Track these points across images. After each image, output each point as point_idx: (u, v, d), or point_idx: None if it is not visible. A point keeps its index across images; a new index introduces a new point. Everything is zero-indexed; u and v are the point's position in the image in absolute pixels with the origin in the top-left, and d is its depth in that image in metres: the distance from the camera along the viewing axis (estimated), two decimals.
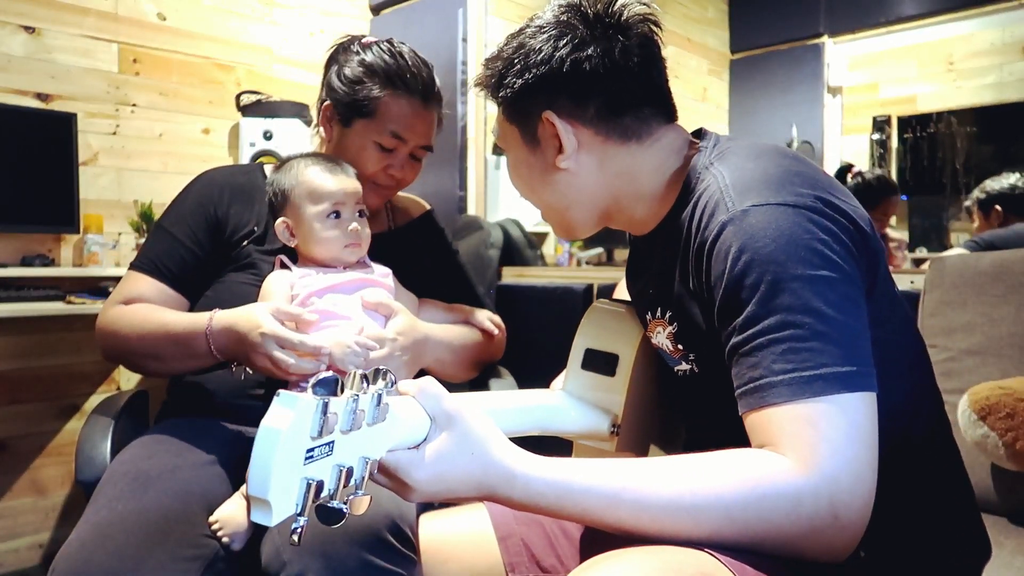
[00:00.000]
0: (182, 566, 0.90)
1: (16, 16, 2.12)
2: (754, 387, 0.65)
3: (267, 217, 1.23)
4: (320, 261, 1.12)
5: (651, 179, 0.83)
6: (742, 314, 0.67)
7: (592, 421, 0.91)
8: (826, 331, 0.64)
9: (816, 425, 0.61)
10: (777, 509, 0.60)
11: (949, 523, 0.79)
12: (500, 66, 0.84)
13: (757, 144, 0.80)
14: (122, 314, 1.16)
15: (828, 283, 0.65)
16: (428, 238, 1.38)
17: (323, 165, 1.13)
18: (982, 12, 3.55)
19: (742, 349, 0.67)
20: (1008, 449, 1.23)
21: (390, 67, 1.18)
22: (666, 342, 0.83)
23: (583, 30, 0.79)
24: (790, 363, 0.63)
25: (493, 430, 0.66)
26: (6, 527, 2.15)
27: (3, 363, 2.11)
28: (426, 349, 1.14)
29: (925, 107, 4.49)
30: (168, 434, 1.11)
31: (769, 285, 0.65)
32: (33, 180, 2.05)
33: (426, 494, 0.63)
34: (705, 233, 0.72)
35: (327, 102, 1.23)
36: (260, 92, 2.57)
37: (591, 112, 0.80)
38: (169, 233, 1.22)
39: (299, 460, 0.51)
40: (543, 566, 0.94)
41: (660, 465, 0.65)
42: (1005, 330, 1.35)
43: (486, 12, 2.68)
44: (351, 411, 0.54)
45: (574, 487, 0.64)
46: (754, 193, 0.70)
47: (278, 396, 0.52)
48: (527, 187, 0.88)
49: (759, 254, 0.66)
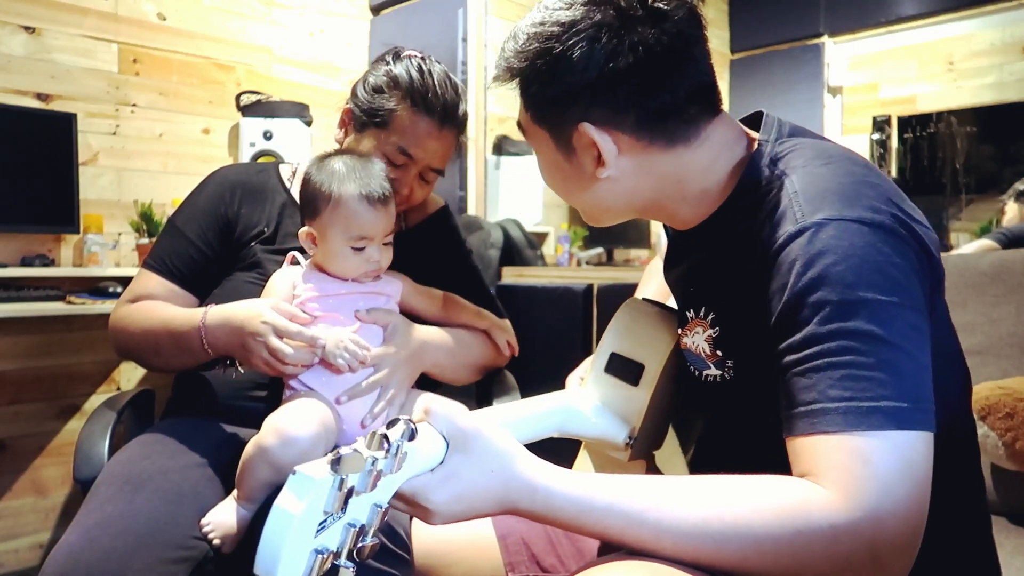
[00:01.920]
0: (170, 568, 0.90)
1: (16, 16, 2.12)
2: (806, 411, 0.61)
3: (277, 218, 1.23)
4: (332, 274, 1.11)
5: (701, 179, 0.77)
6: (801, 332, 0.63)
7: (609, 429, 0.89)
8: (890, 361, 0.60)
9: (868, 460, 0.57)
10: (811, 545, 0.57)
11: (964, 549, 0.77)
12: (524, 69, 0.75)
13: (825, 145, 0.75)
14: (130, 311, 1.19)
15: (897, 310, 0.61)
16: (441, 235, 1.37)
17: (365, 190, 1.05)
18: (982, 12, 3.55)
19: (796, 369, 0.63)
20: (1008, 449, 1.23)
21: (414, 82, 1.16)
22: (704, 345, 0.79)
23: (616, 26, 0.70)
24: (848, 391, 0.59)
25: (512, 444, 0.65)
26: (6, 527, 2.15)
27: (3, 363, 2.11)
28: (425, 354, 1.14)
29: (925, 107, 4.49)
30: (165, 435, 1.11)
31: (835, 306, 0.61)
32: (33, 180, 2.05)
33: (447, 516, 0.62)
34: (769, 240, 0.68)
35: (348, 106, 1.23)
36: (260, 92, 2.57)
37: (631, 120, 0.73)
38: (180, 232, 1.23)
39: (309, 535, 0.50)
40: (543, 565, 0.93)
41: (688, 486, 0.62)
42: (1005, 330, 1.35)
43: (486, 12, 2.68)
44: (367, 473, 0.53)
45: (596, 504, 0.62)
46: (827, 205, 0.65)
47: (293, 475, 0.51)
48: (562, 190, 0.82)
49: (828, 272, 0.62)
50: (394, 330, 1.10)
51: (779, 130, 0.78)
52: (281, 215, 1.24)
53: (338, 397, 1.04)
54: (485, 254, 2.35)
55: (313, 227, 1.08)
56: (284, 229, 1.23)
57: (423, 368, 1.15)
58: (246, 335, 1.01)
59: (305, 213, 1.10)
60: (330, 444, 1.01)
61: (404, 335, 1.11)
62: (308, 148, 2.54)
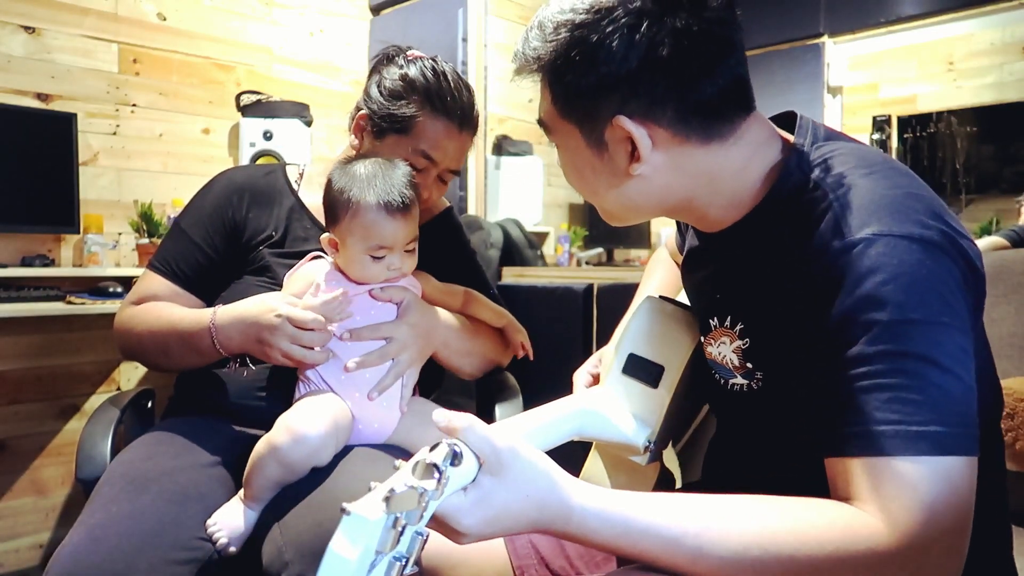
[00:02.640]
0: (175, 569, 0.90)
1: (16, 16, 2.12)
2: (851, 432, 0.59)
3: (285, 222, 1.23)
4: (352, 278, 1.10)
5: (734, 180, 0.74)
6: (849, 351, 0.61)
7: (628, 433, 0.87)
8: (939, 384, 0.58)
9: (915, 487, 0.56)
10: (855, 574, 0.55)
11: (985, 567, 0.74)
12: (555, 60, 0.70)
13: (864, 151, 0.73)
14: (135, 313, 1.19)
15: (946, 331, 0.60)
16: (446, 236, 1.37)
17: (384, 199, 1.04)
18: (982, 12, 3.55)
19: (842, 388, 0.61)
20: (1008, 449, 1.23)
21: (431, 86, 1.15)
22: (731, 356, 0.77)
23: (655, 11, 0.66)
24: (895, 414, 0.58)
25: (548, 465, 0.63)
26: (6, 527, 2.15)
27: (3, 363, 2.11)
28: (436, 332, 1.14)
29: (925, 107, 4.49)
30: (168, 435, 1.11)
31: (884, 326, 0.59)
32: (33, 180, 2.05)
33: (478, 538, 0.60)
34: (812, 252, 0.65)
35: (363, 111, 1.20)
36: (260, 92, 2.57)
37: (669, 113, 0.69)
38: (186, 234, 1.23)
39: (362, 575, 0.49)
40: (552, 568, 0.92)
41: (727, 509, 0.61)
42: (1005, 330, 1.35)
43: (486, 12, 2.68)
44: (418, 506, 0.51)
45: (632, 526, 0.60)
46: (875, 219, 0.63)
47: (347, 516, 0.49)
48: (589, 189, 0.78)
49: (878, 291, 0.60)
50: (408, 306, 1.11)
51: (815, 133, 0.76)
52: (289, 219, 1.23)
53: (347, 364, 1.04)
54: (485, 254, 2.35)
55: (334, 233, 1.08)
56: (293, 233, 1.22)
57: (434, 347, 1.15)
58: (262, 329, 1.02)
59: (327, 219, 1.10)
60: (341, 442, 1.01)
61: (417, 312, 1.12)
62: (308, 148, 2.54)
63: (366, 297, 1.09)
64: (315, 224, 1.24)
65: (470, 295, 1.24)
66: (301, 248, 1.19)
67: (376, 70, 1.22)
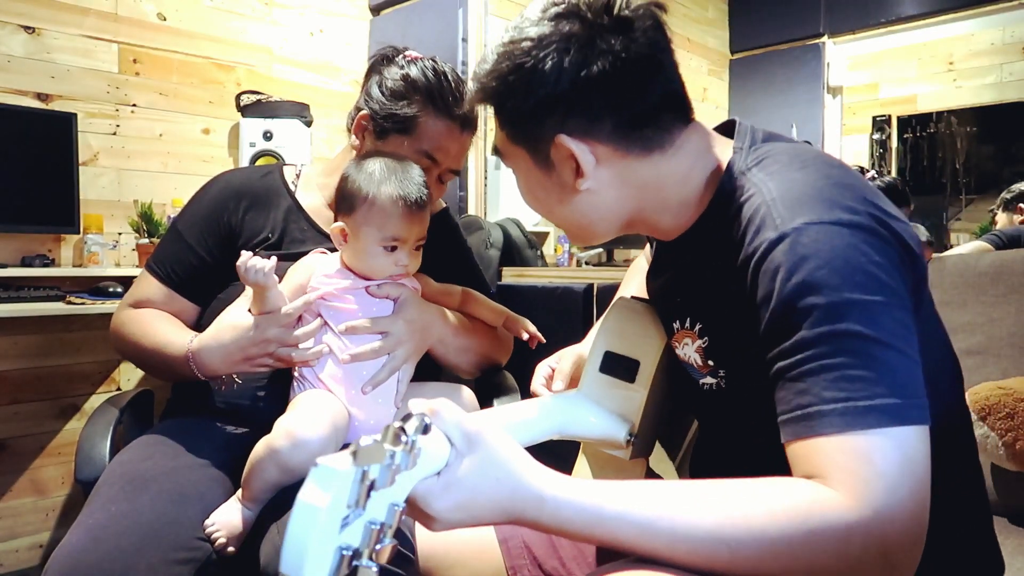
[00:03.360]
0: (174, 569, 0.90)
1: (16, 16, 2.12)
2: (802, 415, 0.61)
3: (282, 223, 1.23)
4: (357, 273, 1.11)
5: (679, 187, 0.78)
6: (792, 338, 0.63)
7: (609, 428, 0.89)
8: (881, 359, 0.60)
9: (870, 459, 0.58)
10: (826, 546, 0.56)
11: (966, 541, 0.77)
12: (498, 87, 0.75)
13: (799, 148, 0.76)
14: (130, 319, 1.20)
15: (884, 309, 0.62)
16: (442, 236, 1.36)
17: (403, 192, 1.05)
18: (982, 12, 3.55)
19: (789, 374, 0.63)
20: (1008, 449, 1.23)
21: (432, 85, 1.15)
22: (695, 356, 0.80)
23: (586, 38, 0.72)
24: (842, 391, 0.60)
25: (518, 452, 0.64)
26: (6, 527, 2.15)
27: (3, 363, 2.11)
28: (432, 328, 1.14)
29: (925, 107, 4.49)
30: (168, 435, 1.11)
31: (822, 309, 0.62)
32: (33, 180, 2.05)
33: (450, 523, 0.61)
34: (750, 248, 0.68)
35: (364, 111, 1.19)
36: (260, 92, 2.57)
37: (607, 128, 0.74)
38: (182, 237, 1.23)
39: (334, 531, 0.49)
40: (545, 568, 0.93)
41: (698, 492, 0.62)
42: (1005, 330, 1.35)
43: (486, 12, 2.68)
44: (387, 467, 0.52)
45: (606, 513, 0.61)
46: (805, 209, 0.66)
47: (315, 467, 0.50)
48: (544, 208, 0.82)
49: (812, 276, 0.63)
50: (404, 302, 1.11)
51: (752, 137, 0.79)
52: (286, 220, 1.23)
53: (341, 357, 1.05)
54: (485, 254, 2.35)
55: (346, 223, 1.08)
56: (289, 235, 1.22)
57: (429, 342, 1.15)
58: (248, 348, 1.04)
59: (340, 209, 1.10)
60: (340, 444, 1.01)
61: (414, 308, 1.12)
62: (308, 148, 2.54)
63: (365, 293, 1.09)
64: (312, 226, 1.24)
65: (468, 294, 1.25)
66: (298, 249, 1.19)
67: (375, 70, 1.21)
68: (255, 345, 1.04)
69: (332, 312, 1.08)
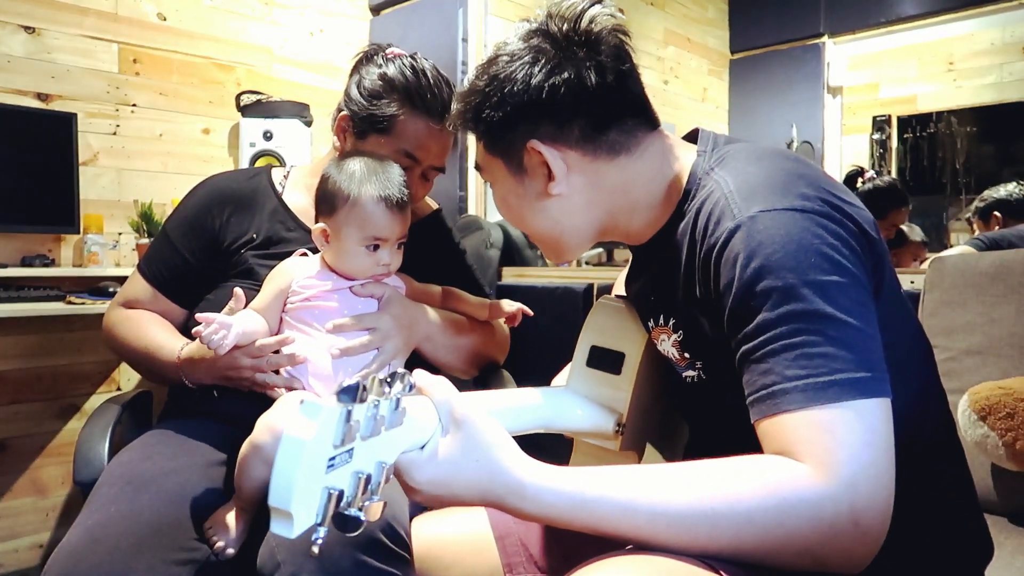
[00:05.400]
0: (173, 570, 0.90)
1: (16, 16, 2.12)
2: (767, 393, 0.64)
3: (267, 224, 1.23)
4: (340, 273, 1.11)
5: (646, 189, 0.82)
6: (753, 321, 0.66)
7: (597, 419, 0.90)
8: (839, 336, 0.63)
9: (833, 431, 0.60)
10: (799, 516, 0.59)
11: (953, 524, 0.79)
12: (476, 100, 0.81)
13: (758, 147, 0.80)
14: (121, 320, 1.23)
15: (839, 288, 0.65)
16: (436, 238, 1.37)
17: (384, 192, 1.06)
18: (982, 12, 3.55)
19: (753, 356, 0.66)
20: (1008, 449, 1.23)
21: (410, 84, 1.15)
22: (672, 350, 0.83)
23: (554, 52, 0.78)
24: (804, 369, 0.62)
25: (502, 436, 0.65)
26: (6, 527, 2.15)
27: (3, 363, 2.11)
28: (418, 325, 1.14)
29: (925, 107, 4.49)
30: (166, 436, 1.11)
31: (780, 292, 0.64)
32: (33, 180, 2.05)
33: (429, 497, 0.63)
34: (711, 240, 0.71)
35: (344, 112, 1.20)
36: (260, 92, 2.57)
37: (575, 133, 0.79)
38: (169, 239, 1.25)
39: (321, 469, 0.50)
40: (541, 566, 0.93)
41: (675, 472, 0.64)
42: (1005, 330, 1.35)
43: (486, 12, 2.68)
44: (372, 417, 0.53)
45: (587, 497, 0.62)
46: (760, 198, 0.69)
47: (301, 404, 0.51)
48: (518, 217, 0.86)
49: (769, 260, 0.65)
50: (388, 300, 1.11)
51: (714, 140, 0.83)
52: (271, 221, 1.24)
53: (331, 351, 1.04)
54: (485, 254, 2.35)
55: (328, 224, 1.08)
56: (275, 235, 1.22)
57: (417, 339, 1.14)
58: (225, 369, 1.06)
59: (321, 211, 1.10)
60: None
61: (399, 304, 1.12)
62: (308, 148, 2.54)
63: (349, 293, 1.09)
64: (298, 225, 1.24)
65: (448, 291, 1.25)
66: (284, 249, 1.19)
67: (356, 70, 1.22)
68: (232, 370, 1.06)
69: (316, 313, 1.07)
